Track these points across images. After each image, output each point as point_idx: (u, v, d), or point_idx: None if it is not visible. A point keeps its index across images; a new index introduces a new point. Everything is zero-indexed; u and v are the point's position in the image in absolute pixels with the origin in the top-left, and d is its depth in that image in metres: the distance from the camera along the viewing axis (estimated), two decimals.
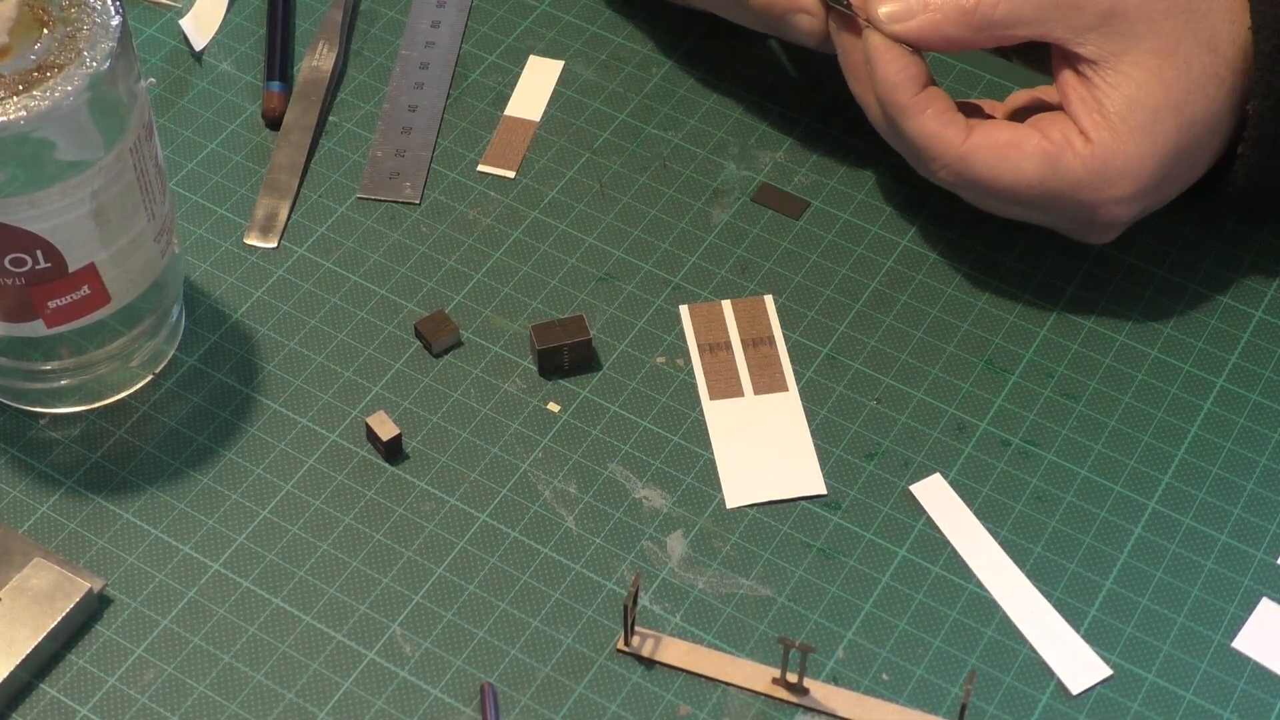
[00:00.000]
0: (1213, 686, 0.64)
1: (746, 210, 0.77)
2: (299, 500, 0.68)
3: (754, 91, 0.81)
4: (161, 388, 0.71)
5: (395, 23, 0.84)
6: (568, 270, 0.75)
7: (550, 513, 0.67)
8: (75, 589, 0.63)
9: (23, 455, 0.68)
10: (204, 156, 0.78)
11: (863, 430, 0.70)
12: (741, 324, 0.73)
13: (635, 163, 0.79)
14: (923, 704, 0.63)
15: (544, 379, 0.71)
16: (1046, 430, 0.70)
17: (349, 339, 0.72)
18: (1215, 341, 0.73)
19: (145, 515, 0.67)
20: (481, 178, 0.78)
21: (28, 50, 0.60)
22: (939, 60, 0.82)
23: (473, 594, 0.65)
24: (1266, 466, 0.69)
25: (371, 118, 0.80)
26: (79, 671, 0.63)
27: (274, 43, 0.81)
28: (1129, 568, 0.66)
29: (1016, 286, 0.75)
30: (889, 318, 0.73)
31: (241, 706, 0.62)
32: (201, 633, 0.64)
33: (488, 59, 0.83)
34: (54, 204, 0.61)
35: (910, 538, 0.67)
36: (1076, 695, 0.63)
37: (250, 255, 0.75)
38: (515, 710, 0.62)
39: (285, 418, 0.70)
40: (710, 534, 0.67)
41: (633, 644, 0.64)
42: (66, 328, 0.65)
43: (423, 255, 0.75)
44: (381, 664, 0.63)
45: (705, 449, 0.69)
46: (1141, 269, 0.75)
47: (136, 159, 0.63)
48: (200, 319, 0.73)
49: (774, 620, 0.65)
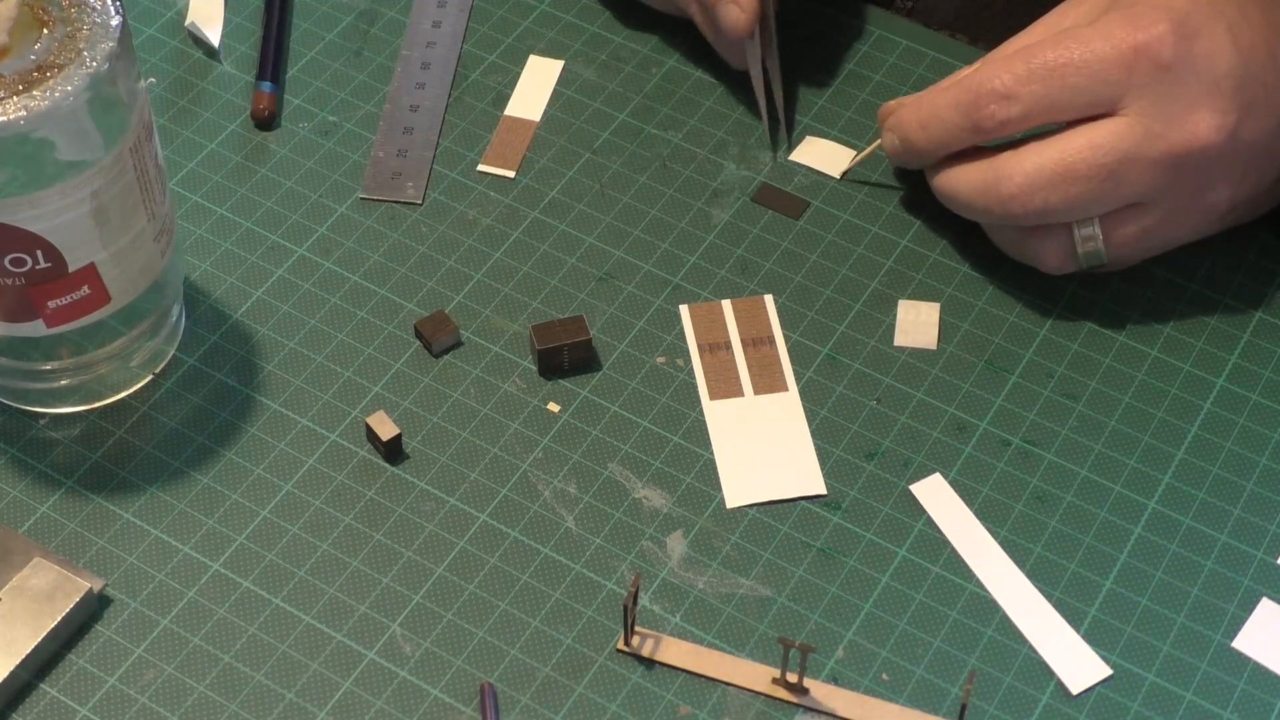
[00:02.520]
0: (1213, 686, 0.64)
1: (746, 210, 0.77)
2: (299, 500, 0.68)
3: (754, 91, 0.81)
4: (161, 388, 0.71)
5: (396, 23, 0.84)
6: (568, 270, 0.75)
7: (550, 513, 0.67)
8: (75, 589, 0.63)
9: (23, 455, 0.68)
10: (204, 156, 0.78)
11: (863, 430, 0.70)
12: (742, 324, 0.73)
13: (635, 163, 0.79)
14: (923, 704, 0.63)
15: (544, 379, 0.71)
16: (1046, 430, 0.70)
17: (349, 339, 0.72)
18: (1215, 341, 0.73)
19: (145, 515, 0.67)
20: (481, 178, 0.78)
21: (28, 50, 0.60)
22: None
23: (473, 594, 0.65)
24: (1266, 466, 0.69)
25: (372, 118, 0.80)
26: (79, 671, 0.63)
27: (268, 43, 0.81)
28: (1129, 568, 0.66)
29: (1016, 286, 0.75)
30: (889, 318, 0.73)
31: (241, 706, 0.62)
32: (201, 633, 0.64)
33: (488, 59, 0.83)
34: (54, 204, 0.61)
35: (910, 538, 0.67)
36: (1076, 695, 0.63)
37: (250, 255, 0.75)
38: (515, 710, 0.62)
39: (285, 418, 0.70)
40: (710, 534, 0.67)
41: (633, 644, 0.64)
42: (66, 328, 0.65)
43: (423, 255, 0.75)
44: (381, 664, 0.63)
45: (705, 449, 0.69)
46: (1142, 269, 0.75)
47: (136, 159, 0.63)
48: (200, 319, 0.73)
49: (774, 620, 0.65)
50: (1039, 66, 0.68)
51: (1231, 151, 0.68)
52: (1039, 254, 0.71)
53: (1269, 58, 0.68)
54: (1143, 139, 0.68)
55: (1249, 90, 0.68)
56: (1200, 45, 0.67)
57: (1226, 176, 0.69)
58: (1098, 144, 0.68)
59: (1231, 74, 0.68)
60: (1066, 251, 0.71)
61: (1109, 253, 0.71)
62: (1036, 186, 0.69)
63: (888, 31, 0.84)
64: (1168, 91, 0.67)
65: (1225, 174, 0.69)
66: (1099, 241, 0.70)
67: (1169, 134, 0.68)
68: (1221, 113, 0.67)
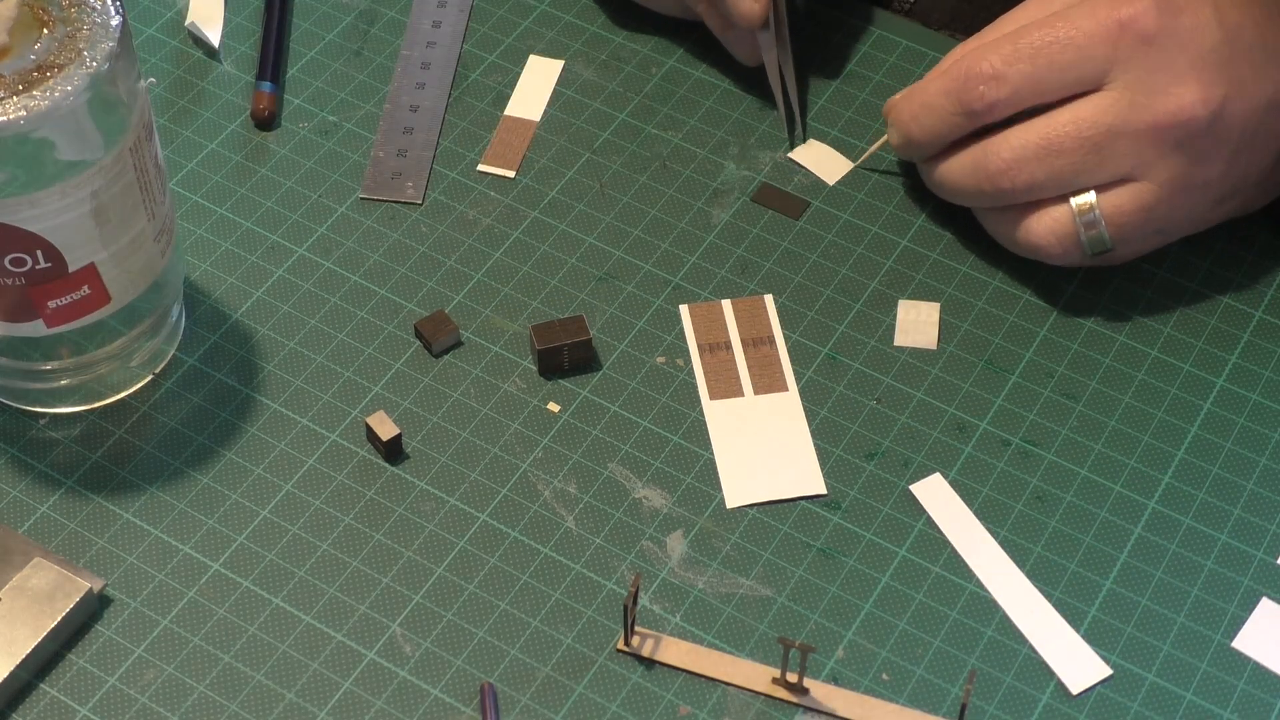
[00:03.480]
0: (1213, 686, 0.64)
1: (746, 210, 0.77)
2: (299, 500, 0.68)
3: (754, 91, 0.81)
4: (161, 388, 0.71)
5: (396, 23, 0.84)
6: (568, 270, 0.75)
7: (550, 513, 0.67)
8: (75, 589, 0.63)
9: (23, 455, 0.68)
10: (204, 156, 0.78)
11: (863, 430, 0.70)
12: (742, 324, 0.73)
13: (635, 163, 0.79)
14: (923, 704, 0.63)
15: (544, 379, 0.71)
16: (1046, 430, 0.70)
17: (349, 339, 0.72)
18: (1215, 341, 0.73)
19: (145, 515, 0.67)
20: (481, 178, 0.78)
21: (28, 50, 0.60)
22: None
23: (473, 594, 0.65)
24: (1266, 466, 0.69)
25: (372, 118, 0.80)
26: (79, 671, 0.63)
27: (268, 43, 0.81)
28: (1129, 568, 0.66)
29: (1016, 286, 0.75)
30: (889, 318, 0.73)
31: (241, 706, 0.62)
32: (201, 633, 0.64)
33: (488, 59, 0.83)
34: (54, 204, 0.61)
35: (910, 538, 0.67)
36: (1076, 695, 0.63)
37: (250, 255, 0.75)
38: (515, 710, 0.62)
39: (285, 418, 0.70)
40: (710, 534, 0.67)
41: (633, 644, 0.64)
42: (66, 328, 0.65)
43: (423, 255, 0.75)
44: (381, 664, 0.63)
45: (705, 449, 0.69)
46: (1142, 269, 0.75)
47: (136, 159, 0.63)
48: (200, 319, 0.73)
49: (774, 620, 0.65)
50: (1025, 46, 0.69)
51: (1219, 128, 0.68)
52: (1037, 240, 0.71)
53: (1257, 38, 0.69)
54: (1127, 112, 0.68)
55: (1235, 67, 0.68)
56: (1185, 20, 0.68)
57: (1217, 154, 0.69)
58: (1081, 118, 0.69)
59: (1217, 50, 0.68)
60: (1066, 235, 0.71)
61: (1111, 234, 0.70)
62: (1023, 161, 0.69)
63: (888, 31, 0.84)
64: (1152, 65, 0.68)
65: (1216, 151, 0.69)
66: (1101, 226, 0.70)
67: (1153, 106, 0.68)
68: (1206, 85, 0.68)
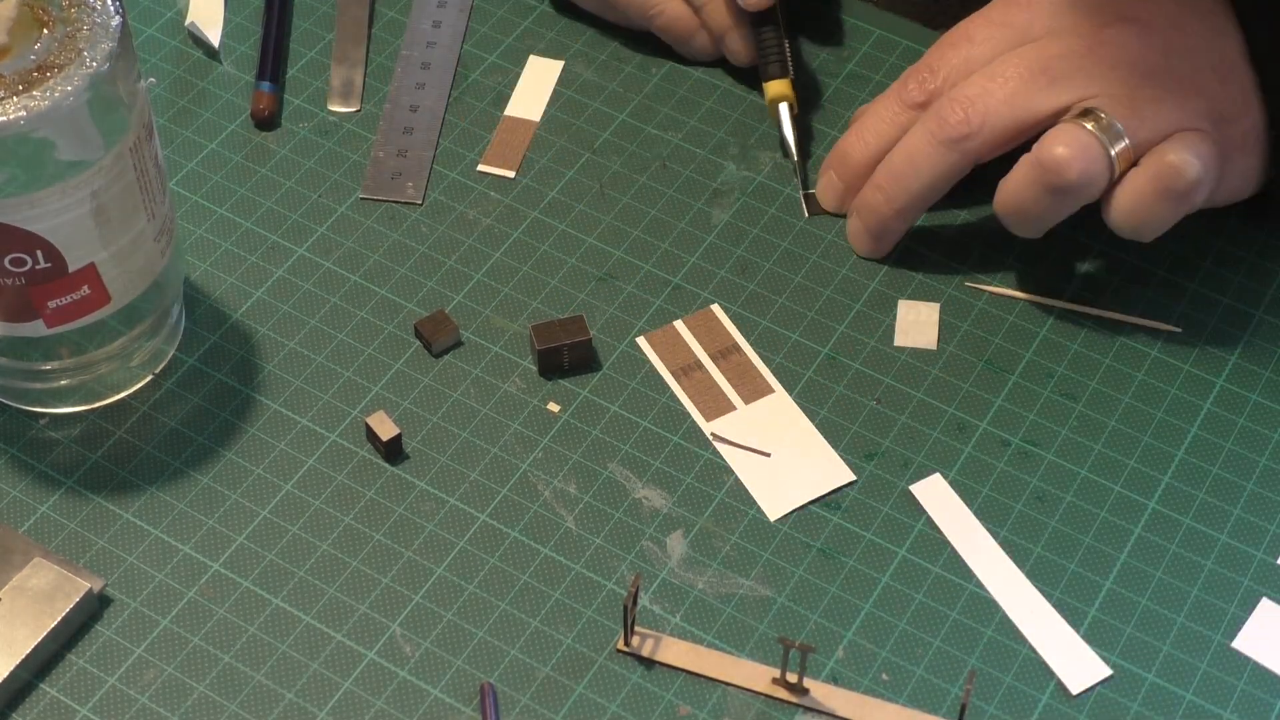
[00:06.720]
0: (1213, 686, 0.64)
1: (746, 210, 0.77)
2: (299, 500, 0.68)
3: (754, 91, 0.81)
4: (161, 388, 0.71)
5: (396, 23, 0.84)
6: (568, 270, 0.75)
7: (550, 513, 0.67)
8: (75, 589, 0.63)
9: (23, 455, 0.68)
10: (204, 156, 0.78)
11: (863, 430, 0.70)
12: (701, 339, 0.72)
13: (635, 163, 0.79)
14: (923, 704, 0.63)
15: (544, 379, 0.71)
16: (1046, 430, 0.70)
17: (349, 339, 0.72)
18: (1215, 342, 0.73)
19: (145, 515, 0.67)
20: (481, 178, 0.78)
21: (28, 50, 0.60)
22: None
23: (473, 594, 0.65)
24: (1266, 466, 0.69)
25: (372, 118, 0.80)
26: (79, 671, 0.63)
27: (268, 43, 0.81)
28: (1129, 568, 0.66)
29: (1016, 287, 0.75)
30: (889, 318, 0.73)
31: (241, 706, 0.62)
32: (201, 633, 0.64)
33: (488, 59, 0.83)
34: (54, 204, 0.61)
35: (910, 538, 0.67)
36: (1076, 695, 0.63)
37: (250, 255, 0.75)
38: (515, 710, 0.62)
39: (285, 418, 0.70)
40: (710, 534, 0.67)
41: (633, 644, 0.64)
42: (66, 328, 0.65)
43: (423, 255, 0.75)
44: (381, 664, 0.63)
45: (705, 449, 0.69)
46: (1142, 268, 0.75)
47: (136, 159, 0.63)
48: (200, 319, 0.73)
49: (774, 620, 0.65)
50: (947, 35, 0.73)
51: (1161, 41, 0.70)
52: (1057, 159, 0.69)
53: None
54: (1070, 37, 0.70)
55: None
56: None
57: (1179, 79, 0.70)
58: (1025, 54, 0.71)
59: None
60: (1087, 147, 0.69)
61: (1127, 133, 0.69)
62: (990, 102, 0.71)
63: (888, 31, 0.84)
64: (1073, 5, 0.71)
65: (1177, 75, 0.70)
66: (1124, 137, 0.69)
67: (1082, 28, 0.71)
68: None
